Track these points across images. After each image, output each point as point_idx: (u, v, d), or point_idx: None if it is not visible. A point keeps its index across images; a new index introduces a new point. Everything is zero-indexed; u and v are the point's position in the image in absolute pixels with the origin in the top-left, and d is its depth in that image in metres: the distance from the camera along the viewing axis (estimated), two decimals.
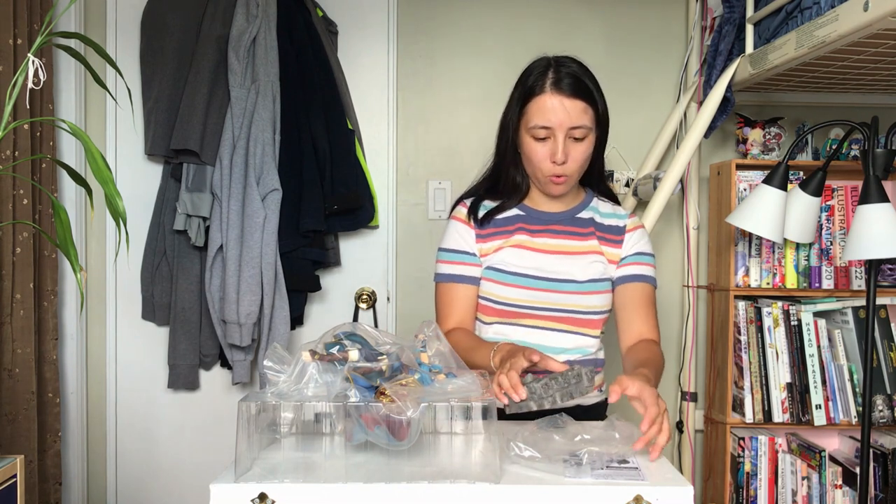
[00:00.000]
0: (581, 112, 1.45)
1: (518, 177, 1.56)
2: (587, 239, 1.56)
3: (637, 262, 1.57)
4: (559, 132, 1.45)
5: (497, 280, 1.53)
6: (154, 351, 2.46)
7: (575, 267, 1.53)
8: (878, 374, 2.24)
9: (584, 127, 1.45)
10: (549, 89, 1.45)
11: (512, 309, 1.53)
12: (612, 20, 2.57)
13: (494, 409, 1.11)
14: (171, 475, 2.49)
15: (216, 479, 1.09)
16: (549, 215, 1.58)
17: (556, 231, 1.56)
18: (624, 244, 1.58)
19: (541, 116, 1.45)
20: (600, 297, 1.54)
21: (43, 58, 1.94)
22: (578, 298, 1.52)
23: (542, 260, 1.53)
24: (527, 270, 1.52)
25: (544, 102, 1.45)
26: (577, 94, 1.45)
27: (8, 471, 1.25)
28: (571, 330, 1.54)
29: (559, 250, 1.55)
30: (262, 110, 2.18)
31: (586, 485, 1.08)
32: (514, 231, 1.56)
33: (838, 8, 1.70)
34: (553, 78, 1.46)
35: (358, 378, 1.13)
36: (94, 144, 1.20)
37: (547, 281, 1.52)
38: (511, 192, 1.58)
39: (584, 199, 1.61)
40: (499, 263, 1.53)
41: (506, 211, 1.58)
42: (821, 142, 2.43)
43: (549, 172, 1.48)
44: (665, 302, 2.60)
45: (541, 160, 1.48)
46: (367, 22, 2.51)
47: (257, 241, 2.14)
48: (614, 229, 1.59)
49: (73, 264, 1.21)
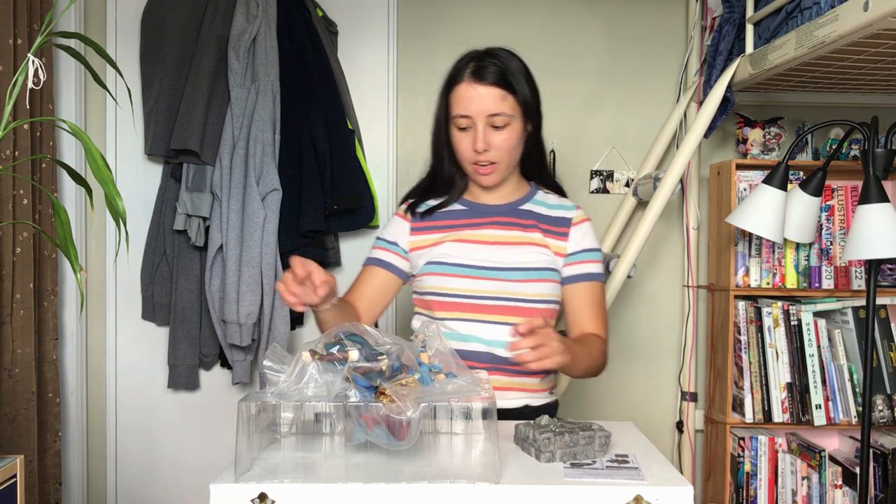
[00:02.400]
0: (499, 99, 1.46)
1: (454, 172, 1.58)
2: (530, 231, 1.56)
3: (583, 261, 1.57)
4: (478, 120, 1.47)
5: (439, 272, 1.53)
6: (154, 351, 2.46)
7: (516, 255, 1.53)
8: (878, 374, 2.24)
9: (503, 114, 1.47)
10: (468, 78, 1.48)
11: (457, 300, 1.52)
12: (612, 20, 2.57)
13: (494, 409, 1.11)
14: (171, 475, 2.49)
15: (216, 479, 1.09)
16: (491, 208, 1.59)
17: (500, 223, 1.57)
18: (570, 238, 1.57)
19: (459, 105, 1.48)
20: (545, 286, 1.53)
21: (43, 58, 1.94)
22: (522, 286, 1.51)
23: (484, 250, 1.53)
24: (468, 261, 1.52)
25: (463, 92, 1.48)
26: (495, 82, 1.46)
27: (8, 471, 1.25)
28: (518, 321, 1.52)
29: (502, 241, 1.55)
30: (262, 110, 2.18)
31: (586, 485, 1.08)
32: (456, 226, 1.57)
33: (838, 8, 1.70)
34: (473, 67, 1.48)
35: (358, 378, 1.13)
36: (94, 144, 1.20)
37: (488, 269, 1.52)
38: (449, 187, 1.59)
39: (528, 192, 1.61)
40: (441, 256, 1.54)
41: (448, 206, 1.59)
42: (821, 142, 2.43)
43: (473, 160, 1.50)
44: (665, 302, 2.60)
45: (465, 149, 1.50)
46: (367, 22, 2.51)
47: (257, 242, 2.14)
48: (560, 221, 1.58)
49: (73, 264, 1.21)
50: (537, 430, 1.20)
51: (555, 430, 1.20)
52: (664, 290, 2.60)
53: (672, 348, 2.59)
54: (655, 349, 2.60)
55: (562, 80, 2.56)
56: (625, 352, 2.60)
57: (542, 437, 1.18)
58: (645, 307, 2.60)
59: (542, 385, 1.58)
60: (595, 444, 1.20)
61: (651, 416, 2.56)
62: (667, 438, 2.56)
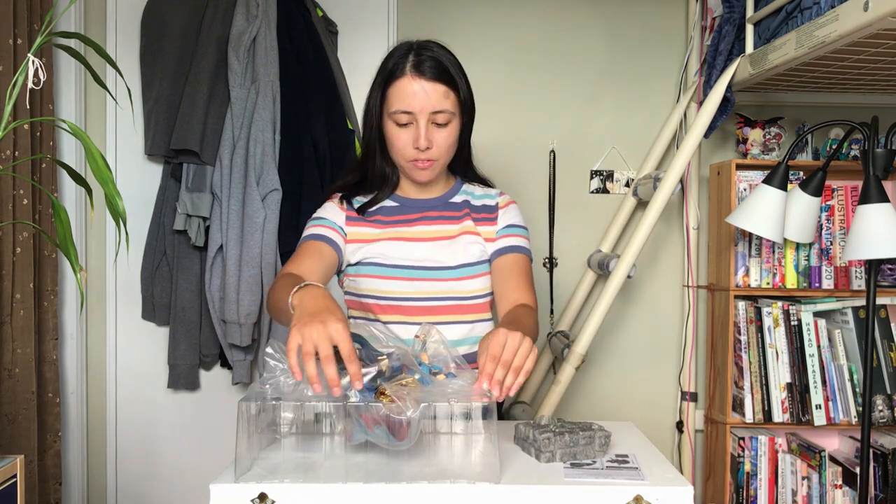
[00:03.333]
0: (442, 96, 1.42)
1: (387, 167, 1.54)
2: (462, 221, 1.55)
3: (509, 235, 1.55)
4: (421, 117, 1.42)
5: (376, 274, 1.49)
6: (154, 351, 2.46)
7: (449, 253, 1.51)
8: (878, 374, 2.24)
9: (446, 111, 1.43)
10: (410, 72, 1.41)
11: (395, 303, 1.49)
12: (612, 20, 2.57)
13: (494, 410, 1.11)
14: (171, 475, 2.49)
15: (216, 479, 1.09)
16: (422, 202, 1.56)
17: (431, 217, 1.54)
18: (498, 220, 1.56)
19: (401, 101, 1.42)
20: (479, 281, 1.52)
21: (43, 58, 1.94)
22: (455, 284, 1.49)
23: (418, 249, 1.51)
24: (403, 262, 1.49)
25: (405, 86, 1.41)
26: (438, 77, 1.41)
27: (8, 471, 1.25)
28: (459, 319, 1.51)
29: (435, 236, 1.53)
30: (262, 110, 2.18)
31: (586, 485, 1.08)
32: (390, 223, 1.54)
33: (838, 8, 1.70)
34: (413, 61, 1.42)
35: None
36: (94, 144, 1.20)
37: (422, 270, 1.49)
38: (381, 183, 1.55)
39: (455, 184, 1.60)
40: (377, 257, 1.50)
41: (378, 203, 1.55)
42: (821, 142, 2.43)
43: (412, 157, 1.46)
44: (665, 302, 2.60)
45: (404, 146, 1.45)
46: (367, 22, 2.51)
47: (257, 241, 2.14)
48: (488, 208, 1.57)
49: (73, 264, 1.21)
50: (537, 430, 1.20)
51: (555, 430, 1.20)
52: (664, 290, 2.60)
53: (672, 348, 2.59)
54: (655, 349, 2.60)
55: (562, 80, 2.56)
56: (625, 352, 2.60)
57: (542, 437, 1.18)
58: (645, 307, 2.60)
59: None
60: (595, 444, 1.20)
61: (651, 416, 2.56)
62: (667, 438, 2.56)
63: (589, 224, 2.57)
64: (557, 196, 2.56)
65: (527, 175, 2.56)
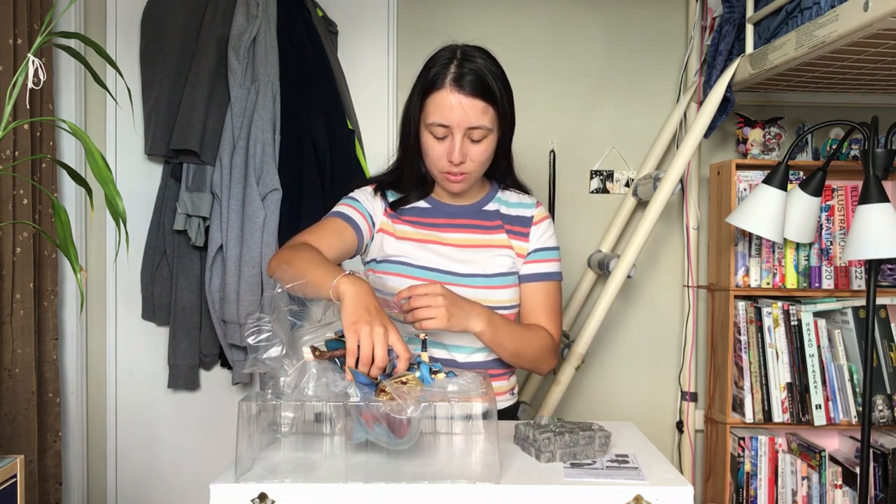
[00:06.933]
0: (480, 113, 1.39)
1: (424, 170, 1.52)
2: (495, 233, 1.54)
3: (540, 260, 1.55)
4: (457, 132, 1.40)
5: (405, 274, 1.48)
6: (154, 351, 2.46)
7: (482, 260, 1.51)
8: (878, 374, 2.24)
9: (483, 128, 1.40)
10: (449, 85, 1.39)
11: None
12: (612, 20, 2.57)
13: (495, 409, 1.11)
14: (171, 475, 2.49)
15: (216, 479, 1.09)
16: (455, 208, 1.55)
17: (463, 225, 1.54)
18: (530, 237, 1.56)
19: (438, 114, 1.40)
20: (509, 292, 1.52)
21: (43, 58, 1.94)
22: (487, 293, 1.49)
23: (450, 254, 1.50)
24: (434, 265, 1.49)
25: (443, 100, 1.39)
26: (477, 93, 1.38)
27: (8, 471, 1.25)
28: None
29: (466, 244, 1.52)
30: (262, 110, 2.18)
31: (586, 485, 1.08)
32: (421, 224, 1.53)
33: (838, 8, 1.70)
34: (454, 73, 1.39)
35: (358, 374, 1.13)
36: (94, 144, 1.20)
37: (454, 276, 1.48)
38: (416, 185, 1.54)
39: (489, 191, 1.59)
40: (406, 257, 1.49)
41: (411, 203, 1.55)
42: (821, 142, 2.43)
43: (446, 170, 1.45)
44: (665, 302, 2.60)
45: (438, 157, 1.44)
46: (367, 22, 2.51)
47: (257, 241, 2.14)
48: (521, 220, 1.56)
49: (73, 264, 1.21)
50: (537, 430, 1.20)
51: (555, 430, 1.20)
52: (664, 290, 2.60)
53: (672, 348, 2.59)
54: (655, 349, 2.60)
55: (562, 80, 2.56)
56: (625, 352, 2.60)
57: (542, 437, 1.18)
58: (645, 307, 2.60)
59: (503, 387, 1.56)
60: (595, 444, 1.20)
61: (651, 416, 2.56)
62: (667, 438, 2.56)
63: (589, 224, 2.57)
64: (557, 196, 2.55)
65: (527, 175, 2.50)
